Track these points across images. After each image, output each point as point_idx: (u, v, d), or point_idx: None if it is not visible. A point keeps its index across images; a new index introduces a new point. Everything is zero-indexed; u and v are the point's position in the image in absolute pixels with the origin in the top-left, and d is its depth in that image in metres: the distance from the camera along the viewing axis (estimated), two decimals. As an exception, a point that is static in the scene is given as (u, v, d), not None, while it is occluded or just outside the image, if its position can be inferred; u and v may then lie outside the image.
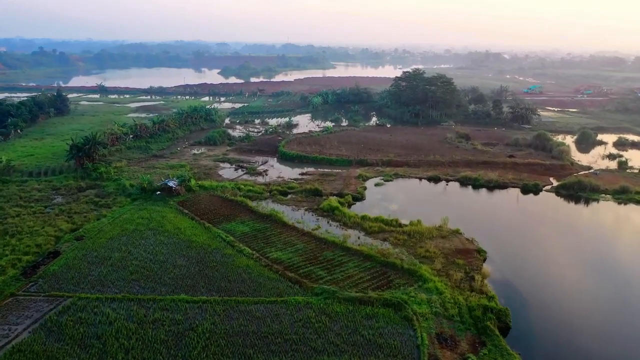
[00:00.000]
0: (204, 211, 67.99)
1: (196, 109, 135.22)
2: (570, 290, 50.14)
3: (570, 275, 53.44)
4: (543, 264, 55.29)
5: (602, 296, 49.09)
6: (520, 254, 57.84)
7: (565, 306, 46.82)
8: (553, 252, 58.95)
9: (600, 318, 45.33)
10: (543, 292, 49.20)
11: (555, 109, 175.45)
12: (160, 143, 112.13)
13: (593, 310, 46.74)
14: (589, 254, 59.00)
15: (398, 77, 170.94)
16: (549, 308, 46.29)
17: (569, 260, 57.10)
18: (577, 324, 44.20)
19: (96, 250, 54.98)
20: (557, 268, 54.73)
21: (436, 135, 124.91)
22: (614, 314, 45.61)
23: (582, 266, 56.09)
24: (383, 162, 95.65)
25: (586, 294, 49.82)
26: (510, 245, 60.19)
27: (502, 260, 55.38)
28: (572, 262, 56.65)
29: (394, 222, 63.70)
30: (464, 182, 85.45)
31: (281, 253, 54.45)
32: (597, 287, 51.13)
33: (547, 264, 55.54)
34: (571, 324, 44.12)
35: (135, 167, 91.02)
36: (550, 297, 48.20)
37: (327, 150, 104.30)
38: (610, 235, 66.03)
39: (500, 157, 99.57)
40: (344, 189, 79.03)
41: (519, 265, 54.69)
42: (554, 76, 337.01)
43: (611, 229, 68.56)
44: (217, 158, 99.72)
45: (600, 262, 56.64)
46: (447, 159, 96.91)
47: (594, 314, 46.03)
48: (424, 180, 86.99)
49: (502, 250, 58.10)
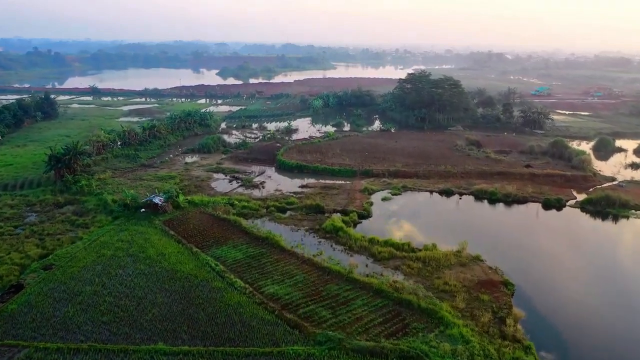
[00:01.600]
0: (193, 232, 60.73)
1: (190, 113, 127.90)
2: (625, 334, 42.69)
3: (620, 314, 45.91)
4: (585, 300, 47.97)
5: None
6: (553, 286, 50.56)
7: (619, 355, 39.54)
8: (593, 284, 51.69)
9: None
10: (589, 338, 41.95)
11: (566, 112, 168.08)
12: (150, 151, 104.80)
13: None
14: (637, 285, 51.72)
15: (402, 79, 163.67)
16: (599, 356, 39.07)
17: (613, 294, 49.66)
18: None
19: (65, 282, 47.74)
20: (600, 304, 47.43)
21: (444, 141, 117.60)
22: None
23: (632, 302, 48.50)
24: (390, 173, 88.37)
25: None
26: (540, 275, 52.89)
27: (534, 295, 48.09)
28: (618, 298, 49.15)
29: (405, 247, 56.45)
30: (479, 195, 78.16)
31: (278, 287, 47.16)
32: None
33: (589, 299, 48.26)
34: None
35: (121, 179, 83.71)
36: (599, 342, 40.95)
37: (329, 159, 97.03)
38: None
39: (516, 167, 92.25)
40: (349, 205, 71.80)
41: (554, 302, 47.28)
42: (559, 77, 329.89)
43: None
44: (211, 168, 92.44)
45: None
46: (459, 169, 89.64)
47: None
48: (435, 194, 79.71)
49: (531, 282, 50.82)
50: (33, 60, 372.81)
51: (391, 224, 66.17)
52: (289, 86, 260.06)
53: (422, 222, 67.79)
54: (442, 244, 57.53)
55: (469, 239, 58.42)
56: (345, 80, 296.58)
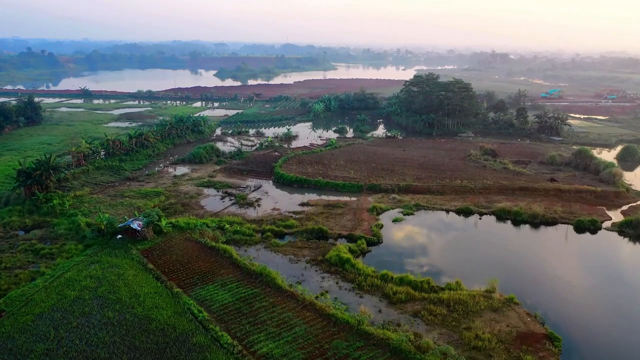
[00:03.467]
0: (175, 265, 52.04)
1: (182, 119, 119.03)
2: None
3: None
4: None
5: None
6: (608, 336, 41.73)
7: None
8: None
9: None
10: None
11: (581, 117, 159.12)
12: (136, 161, 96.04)
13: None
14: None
15: (408, 81, 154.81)
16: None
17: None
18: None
19: (14, 337, 39.13)
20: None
21: (456, 150, 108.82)
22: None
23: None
24: (400, 188, 79.62)
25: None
26: (590, 322, 44.12)
27: (587, 353, 39.32)
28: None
29: (425, 285, 47.75)
30: (502, 216, 69.41)
31: (273, 344, 38.43)
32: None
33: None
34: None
35: (100, 196, 74.94)
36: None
37: (331, 171, 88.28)
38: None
39: (539, 181, 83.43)
40: (356, 228, 63.12)
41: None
42: (566, 78, 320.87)
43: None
44: (202, 182, 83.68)
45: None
46: (476, 184, 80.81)
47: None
48: (452, 213, 70.94)
49: (580, 333, 42.08)
50: (26, 61, 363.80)
51: (405, 253, 57.41)
52: (288, 88, 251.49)
53: (441, 250, 59.06)
54: (467, 280, 49.02)
55: (496, 271, 50.08)
56: (346, 81, 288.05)
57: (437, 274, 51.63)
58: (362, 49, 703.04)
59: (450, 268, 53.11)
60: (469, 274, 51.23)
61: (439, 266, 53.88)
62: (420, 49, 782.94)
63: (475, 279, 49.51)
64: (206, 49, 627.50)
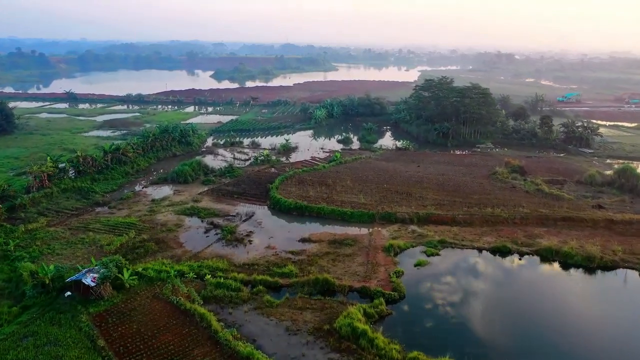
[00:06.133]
0: (135, 340, 39.20)
1: (167, 129, 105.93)
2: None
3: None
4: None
5: None
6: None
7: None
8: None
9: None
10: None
11: (606, 123, 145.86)
12: (111, 181, 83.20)
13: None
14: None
15: (419, 85, 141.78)
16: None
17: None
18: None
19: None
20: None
21: (478, 165, 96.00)
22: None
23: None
24: (419, 218, 66.79)
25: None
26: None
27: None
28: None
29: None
30: (548, 257, 56.61)
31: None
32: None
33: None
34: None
35: (59, 229, 62.01)
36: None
37: (337, 194, 75.42)
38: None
39: (583, 207, 70.55)
40: (370, 277, 50.42)
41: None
42: (578, 80, 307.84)
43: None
44: (184, 208, 70.77)
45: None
46: (510, 212, 67.90)
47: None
48: (486, 252, 58.11)
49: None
50: (15, 61, 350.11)
51: (437, 316, 44.57)
52: (287, 90, 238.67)
53: (482, 313, 45.98)
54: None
55: (566, 349, 37.24)
56: (348, 83, 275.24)
57: (482, 347, 38.90)
58: (363, 49, 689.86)
59: (502, 342, 40.34)
60: (529, 351, 38.44)
61: (487, 340, 40.95)
62: (422, 49, 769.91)
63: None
64: (204, 49, 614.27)
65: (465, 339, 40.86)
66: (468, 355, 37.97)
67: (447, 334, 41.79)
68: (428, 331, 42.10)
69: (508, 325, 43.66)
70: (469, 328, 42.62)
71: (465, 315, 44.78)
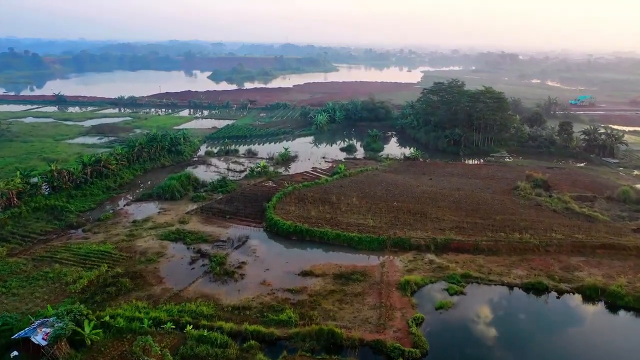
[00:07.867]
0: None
1: (155, 137, 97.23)
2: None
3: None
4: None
5: None
6: None
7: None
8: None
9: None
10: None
11: (625, 129, 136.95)
12: (90, 197, 74.71)
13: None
14: None
15: (427, 89, 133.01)
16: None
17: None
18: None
19: None
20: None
21: (495, 178, 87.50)
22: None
23: None
24: (436, 245, 58.30)
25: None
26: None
27: None
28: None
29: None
30: (590, 296, 48.16)
31: None
32: None
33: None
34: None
35: (21, 260, 53.52)
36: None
37: (342, 214, 66.89)
38: None
39: (623, 231, 62.06)
40: (384, 325, 42.04)
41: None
42: (585, 81, 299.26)
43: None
44: (168, 232, 62.28)
45: None
46: (540, 238, 59.35)
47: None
48: (518, 290, 49.64)
49: None
50: (7, 62, 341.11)
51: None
52: (287, 92, 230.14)
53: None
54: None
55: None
56: (350, 85, 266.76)
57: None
58: (364, 49, 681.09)
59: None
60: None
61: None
62: (423, 49, 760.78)
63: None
64: (203, 49, 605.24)
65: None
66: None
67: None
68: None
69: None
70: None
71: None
